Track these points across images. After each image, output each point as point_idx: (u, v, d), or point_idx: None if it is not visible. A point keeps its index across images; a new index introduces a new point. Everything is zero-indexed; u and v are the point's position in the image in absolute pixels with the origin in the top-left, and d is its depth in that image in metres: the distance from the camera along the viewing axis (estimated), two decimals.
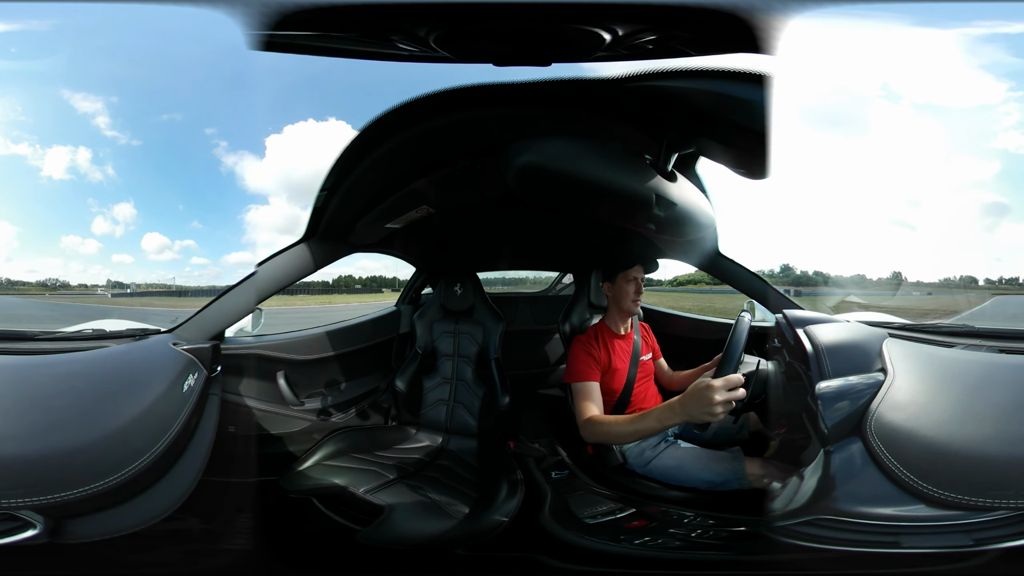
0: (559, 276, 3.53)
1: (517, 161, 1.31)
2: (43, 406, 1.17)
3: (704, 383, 1.35)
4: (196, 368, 1.41)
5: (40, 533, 1.04)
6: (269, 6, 1.20)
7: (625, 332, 2.04)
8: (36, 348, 1.40)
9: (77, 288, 10.27)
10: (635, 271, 1.97)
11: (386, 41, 1.30)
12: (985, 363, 1.34)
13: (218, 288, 1.80)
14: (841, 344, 1.35)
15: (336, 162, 1.55)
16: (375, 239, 2.19)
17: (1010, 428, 1.12)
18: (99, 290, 3.51)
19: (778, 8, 1.20)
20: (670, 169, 1.45)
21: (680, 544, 1.38)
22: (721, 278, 2.19)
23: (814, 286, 7.41)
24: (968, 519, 1.06)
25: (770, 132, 1.17)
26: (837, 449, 1.13)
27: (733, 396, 1.32)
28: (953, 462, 1.07)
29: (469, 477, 2.02)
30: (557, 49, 1.29)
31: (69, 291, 10.09)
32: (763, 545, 1.19)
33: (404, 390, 2.43)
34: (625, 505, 1.61)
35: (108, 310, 3.81)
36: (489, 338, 2.48)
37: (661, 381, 2.16)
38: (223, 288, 1.66)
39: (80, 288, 10.36)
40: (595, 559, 1.35)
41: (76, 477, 1.07)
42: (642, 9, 1.20)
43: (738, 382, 1.33)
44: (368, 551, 1.45)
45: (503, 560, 1.41)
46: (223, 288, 1.66)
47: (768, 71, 1.12)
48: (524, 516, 1.55)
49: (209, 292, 4.16)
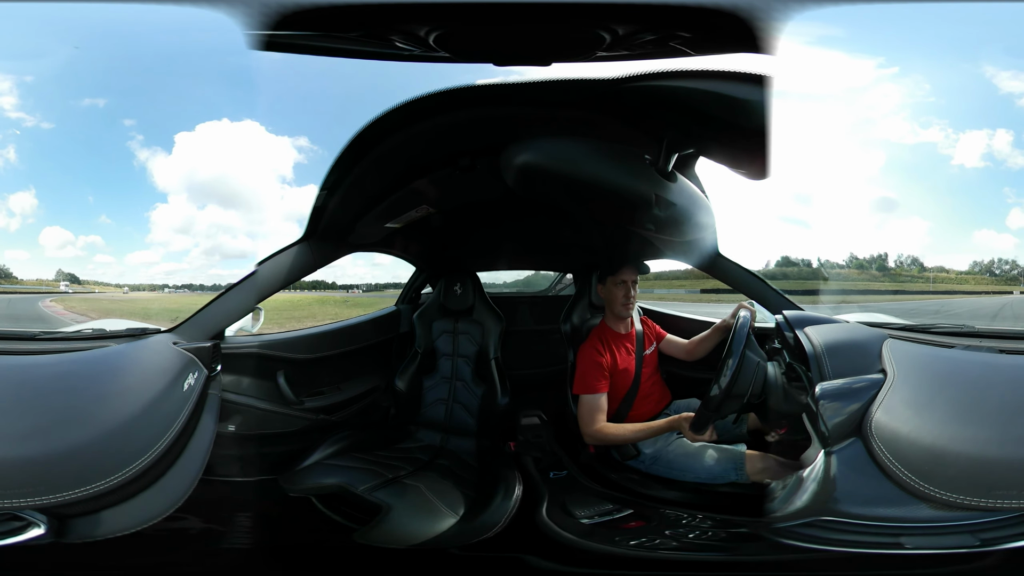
0: (559, 276, 3.53)
1: (517, 161, 1.31)
2: (43, 406, 1.17)
3: (682, 426, 1.63)
4: (196, 367, 1.41)
5: (44, 533, 1.05)
6: (269, 6, 1.20)
7: (626, 331, 2.05)
8: (36, 348, 1.41)
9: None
10: (624, 274, 1.97)
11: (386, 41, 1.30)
12: (985, 363, 1.33)
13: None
14: (841, 345, 1.35)
15: (336, 161, 1.55)
16: (375, 239, 2.19)
17: (1011, 428, 1.11)
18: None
19: (778, 8, 1.20)
20: (670, 169, 1.45)
21: (678, 545, 1.38)
22: (721, 278, 2.18)
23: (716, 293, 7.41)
24: (969, 520, 1.06)
25: (770, 132, 1.17)
26: (837, 450, 1.13)
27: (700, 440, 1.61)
28: (954, 463, 1.06)
29: (468, 477, 2.02)
30: (557, 49, 1.29)
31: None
32: (763, 546, 1.19)
33: (403, 390, 2.43)
34: (623, 506, 1.61)
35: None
36: (488, 338, 2.48)
37: (680, 356, 2.18)
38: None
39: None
40: (593, 560, 1.35)
41: (77, 477, 1.07)
42: (642, 9, 1.19)
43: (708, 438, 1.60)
44: (366, 550, 1.45)
45: (501, 560, 1.41)
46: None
47: (768, 71, 1.12)
48: (522, 516, 1.55)
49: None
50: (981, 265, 6.02)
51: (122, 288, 3.97)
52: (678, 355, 2.18)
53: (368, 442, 2.15)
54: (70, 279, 3.76)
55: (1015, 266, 5.88)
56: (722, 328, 2.04)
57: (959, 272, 6.20)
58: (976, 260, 5.99)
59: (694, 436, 1.59)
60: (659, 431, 1.76)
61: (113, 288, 3.93)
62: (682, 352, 2.17)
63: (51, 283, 3.74)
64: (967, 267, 6.08)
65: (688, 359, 2.17)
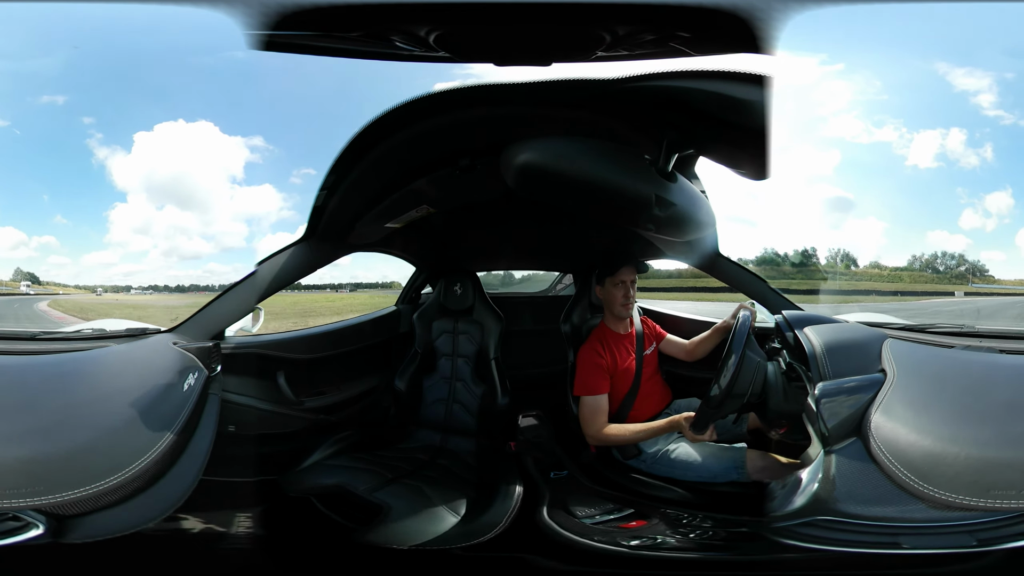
0: (559, 276, 3.53)
1: (517, 161, 1.31)
2: (43, 406, 1.18)
3: (682, 425, 1.63)
4: (196, 367, 1.41)
5: (43, 533, 1.05)
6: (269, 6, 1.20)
7: (626, 331, 2.05)
8: (36, 348, 1.40)
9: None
10: (623, 274, 1.97)
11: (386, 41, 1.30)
12: (985, 363, 1.33)
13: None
14: (841, 345, 1.35)
15: (336, 161, 1.55)
16: (375, 239, 2.19)
17: (1010, 428, 1.12)
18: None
19: (778, 8, 1.20)
20: (670, 169, 1.45)
21: (679, 545, 1.38)
22: (721, 279, 2.18)
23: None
24: (969, 520, 1.06)
25: (771, 132, 1.17)
26: (837, 450, 1.13)
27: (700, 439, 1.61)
28: (953, 463, 1.06)
29: (468, 477, 2.02)
30: (557, 49, 1.29)
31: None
32: (763, 546, 1.19)
33: (403, 389, 2.43)
34: (624, 505, 1.62)
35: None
36: (488, 338, 2.48)
37: (680, 356, 2.17)
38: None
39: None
40: (594, 559, 1.35)
41: (77, 477, 1.07)
42: (642, 9, 1.19)
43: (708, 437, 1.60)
44: (366, 550, 1.45)
45: (501, 560, 1.41)
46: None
47: (768, 71, 1.12)
48: (522, 516, 1.55)
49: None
50: (921, 260, 5.25)
51: (94, 290, 3.91)
52: (678, 355, 2.18)
53: (368, 442, 2.15)
54: (30, 279, 3.68)
55: (962, 261, 4.98)
56: (722, 329, 2.04)
57: (893, 268, 5.68)
58: (915, 255, 5.46)
59: (694, 436, 1.59)
60: (660, 431, 1.76)
61: (73, 288, 3.85)
62: (682, 353, 2.17)
63: (11, 283, 3.66)
64: (906, 262, 5.57)
65: (688, 360, 2.17)
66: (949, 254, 5.12)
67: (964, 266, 5.02)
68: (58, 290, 3.86)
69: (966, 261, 5.00)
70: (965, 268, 5.02)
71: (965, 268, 5.02)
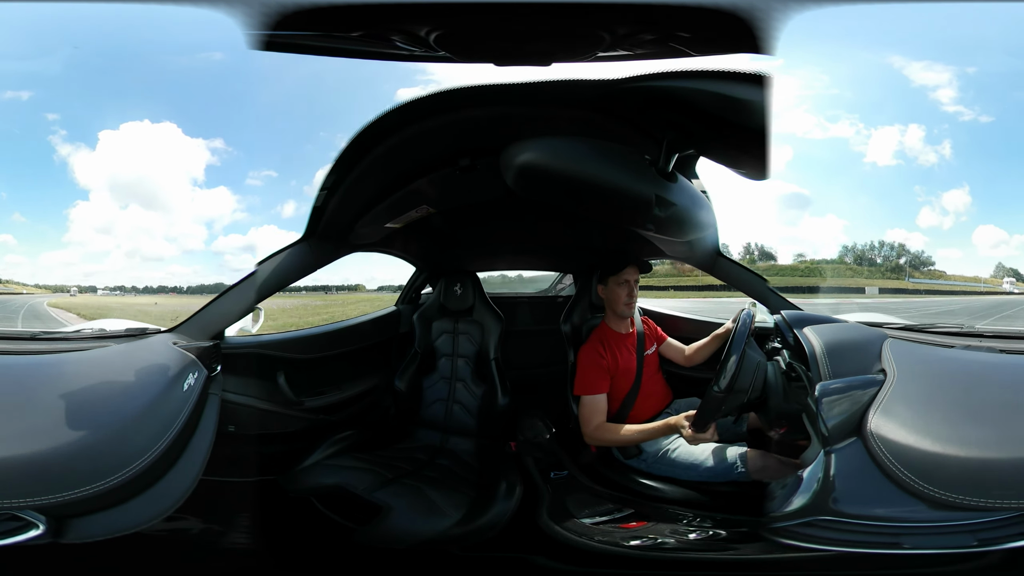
0: (558, 276, 3.53)
1: (517, 161, 1.31)
2: (44, 406, 1.17)
3: (682, 426, 1.60)
4: (196, 367, 1.41)
5: (43, 533, 1.05)
6: (269, 6, 1.20)
7: (627, 331, 2.05)
8: (36, 348, 1.41)
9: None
10: (627, 273, 1.97)
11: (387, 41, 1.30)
12: (985, 363, 1.34)
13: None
14: (841, 345, 1.35)
15: (336, 161, 1.55)
16: (375, 239, 2.19)
17: (1011, 428, 1.12)
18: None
19: (778, 8, 1.20)
20: (670, 169, 1.45)
21: (679, 545, 1.38)
22: (721, 279, 2.18)
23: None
24: (969, 520, 1.06)
25: (771, 132, 1.17)
26: (837, 450, 1.13)
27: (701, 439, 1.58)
28: (954, 463, 1.06)
29: (468, 477, 2.02)
30: (557, 49, 1.29)
31: None
32: (763, 546, 1.19)
33: (403, 389, 2.43)
34: (624, 505, 1.61)
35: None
36: (488, 338, 2.48)
37: (677, 361, 2.18)
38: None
39: None
40: (594, 559, 1.35)
41: (77, 477, 1.07)
42: (642, 9, 1.19)
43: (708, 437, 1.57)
44: (366, 551, 1.46)
45: (501, 560, 1.41)
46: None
47: (768, 71, 1.12)
48: (522, 516, 1.55)
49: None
50: (854, 252, 4.95)
51: (68, 290, 3.84)
52: (676, 360, 2.18)
53: (368, 442, 2.15)
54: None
55: (903, 251, 4.41)
56: (721, 335, 2.04)
57: (817, 260, 5.22)
58: (846, 245, 4.99)
59: (695, 435, 1.59)
60: (660, 432, 1.76)
61: (33, 288, 3.77)
62: (680, 358, 2.18)
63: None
64: (836, 254, 5.11)
65: (686, 365, 2.16)
66: (888, 244, 4.72)
67: (904, 257, 4.58)
68: (22, 289, 3.78)
69: (907, 252, 4.57)
70: (905, 260, 4.57)
71: (905, 260, 4.57)
